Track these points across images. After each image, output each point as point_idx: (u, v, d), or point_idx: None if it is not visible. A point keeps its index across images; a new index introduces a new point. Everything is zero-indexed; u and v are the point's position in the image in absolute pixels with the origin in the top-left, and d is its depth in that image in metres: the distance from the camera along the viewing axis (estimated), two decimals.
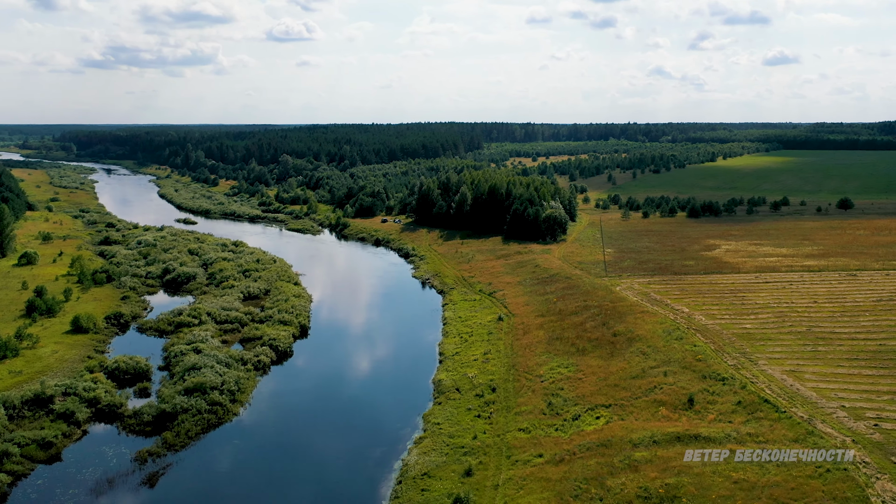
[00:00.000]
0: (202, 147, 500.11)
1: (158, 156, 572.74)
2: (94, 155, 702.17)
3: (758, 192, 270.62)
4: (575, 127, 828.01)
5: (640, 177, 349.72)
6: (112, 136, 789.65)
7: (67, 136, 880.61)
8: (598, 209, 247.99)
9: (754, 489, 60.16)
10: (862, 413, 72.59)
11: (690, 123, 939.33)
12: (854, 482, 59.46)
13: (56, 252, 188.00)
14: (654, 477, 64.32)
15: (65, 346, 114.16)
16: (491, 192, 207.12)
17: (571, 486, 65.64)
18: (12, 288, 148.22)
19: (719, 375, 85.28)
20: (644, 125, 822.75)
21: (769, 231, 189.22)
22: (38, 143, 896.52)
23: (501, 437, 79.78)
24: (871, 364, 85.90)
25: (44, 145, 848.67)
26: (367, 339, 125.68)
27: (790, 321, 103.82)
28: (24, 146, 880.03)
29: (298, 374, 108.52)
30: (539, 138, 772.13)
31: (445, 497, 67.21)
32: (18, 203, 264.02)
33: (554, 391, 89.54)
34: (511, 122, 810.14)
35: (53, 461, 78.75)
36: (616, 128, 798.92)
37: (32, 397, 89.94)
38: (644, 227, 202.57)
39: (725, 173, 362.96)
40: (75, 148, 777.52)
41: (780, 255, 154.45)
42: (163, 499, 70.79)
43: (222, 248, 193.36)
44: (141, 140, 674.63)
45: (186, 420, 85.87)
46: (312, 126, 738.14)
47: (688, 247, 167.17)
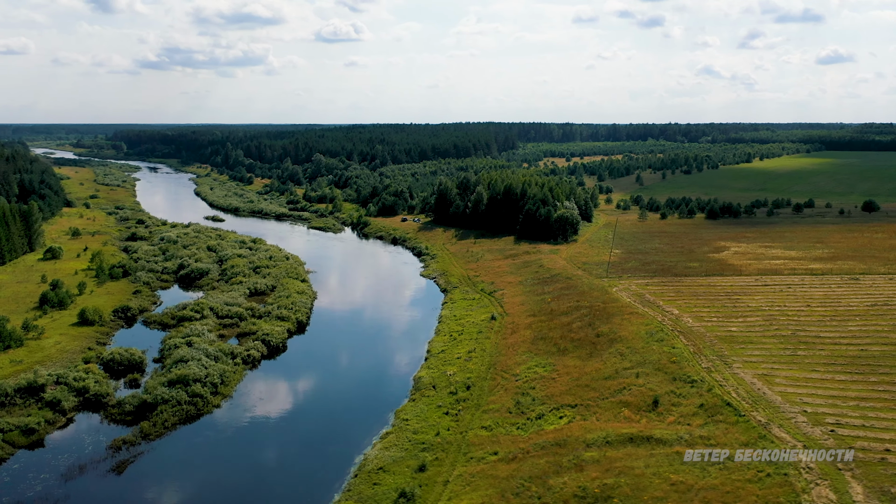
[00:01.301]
0: (241, 146, 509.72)
1: (201, 154, 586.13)
2: (142, 154, 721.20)
3: (787, 194, 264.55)
4: (614, 127, 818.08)
5: (669, 178, 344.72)
6: (160, 135, 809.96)
7: (119, 136, 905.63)
8: (618, 210, 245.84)
9: (689, 491, 59.86)
10: (822, 418, 71.34)
11: (733, 124, 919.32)
12: (791, 488, 58.71)
13: (82, 247, 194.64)
14: (594, 477, 64.40)
15: (68, 337, 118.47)
16: (506, 193, 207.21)
17: (516, 484, 66.09)
18: (33, 281, 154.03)
19: (689, 378, 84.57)
20: (685, 125, 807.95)
21: (784, 233, 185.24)
22: (91, 141, 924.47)
23: (464, 434, 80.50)
24: (847, 369, 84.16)
25: (96, 144, 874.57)
26: (360, 336, 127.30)
27: (777, 325, 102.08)
28: (77, 145, 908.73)
29: (287, 368, 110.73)
30: (577, 138, 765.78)
31: (393, 491, 68.29)
32: (55, 200, 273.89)
33: (525, 390, 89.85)
34: (549, 123, 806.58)
35: (35, 447, 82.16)
36: (655, 128, 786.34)
37: (26, 385, 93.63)
38: (658, 229, 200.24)
39: (758, 175, 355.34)
40: (125, 146, 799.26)
41: (787, 257, 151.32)
42: (125, 485, 73.29)
43: (240, 245, 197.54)
44: (185, 139, 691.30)
45: (166, 411, 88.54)
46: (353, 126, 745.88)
47: (697, 248, 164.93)
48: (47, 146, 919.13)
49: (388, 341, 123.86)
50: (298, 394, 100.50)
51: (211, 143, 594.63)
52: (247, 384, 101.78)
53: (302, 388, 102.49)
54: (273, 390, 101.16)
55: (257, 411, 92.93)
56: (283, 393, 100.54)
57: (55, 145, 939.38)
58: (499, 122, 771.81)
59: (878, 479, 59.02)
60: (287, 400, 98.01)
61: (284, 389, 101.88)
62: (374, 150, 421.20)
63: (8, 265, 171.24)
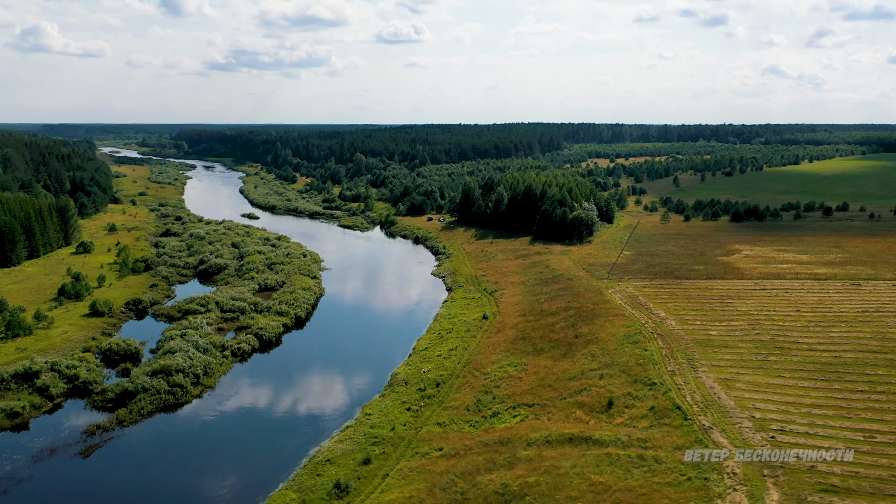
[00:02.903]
0: (290, 146, 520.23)
1: (254, 153, 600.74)
2: (200, 152, 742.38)
3: (827, 197, 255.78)
4: (665, 128, 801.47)
5: (709, 179, 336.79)
6: (218, 134, 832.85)
7: (181, 135, 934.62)
8: (645, 211, 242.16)
9: (605, 492, 59.85)
10: (768, 424, 70.09)
11: (788, 125, 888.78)
12: (707, 492, 58.18)
13: (115, 242, 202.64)
14: (519, 475, 64.89)
15: (76, 327, 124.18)
16: (526, 193, 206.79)
17: (446, 480, 67.08)
18: (59, 274, 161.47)
19: (650, 380, 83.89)
20: (739, 126, 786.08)
21: (804, 237, 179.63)
22: (155, 141, 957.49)
23: (418, 430, 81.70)
24: (813, 376, 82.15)
25: (159, 143, 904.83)
26: (355, 332, 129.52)
27: (759, 329, 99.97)
28: (142, 144, 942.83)
29: (274, 362, 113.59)
30: (627, 139, 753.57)
31: (330, 482, 70.01)
32: (101, 197, 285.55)
33: (490, 389, 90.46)
34: (599, 123, 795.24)
35: (20, 429, 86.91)
36: (707, 129, 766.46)
37: (22, 372, 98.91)
38: (678, 231, 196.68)
39: (801, 177, 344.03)
40: (186, 145, 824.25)
41: (797, 261, 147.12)
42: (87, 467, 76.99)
43: (264, 242, 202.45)
44: (241, 139, 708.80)
45: (144, 399, 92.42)
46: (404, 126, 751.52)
47: (708, 251, 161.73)
48: (115, 145, 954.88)
49: (380, 338, 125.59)
50: (277, 387, 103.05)
51: (264, 142, 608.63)
52: (231, 376, 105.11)
53: (282, 382, 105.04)
54: (254, 383, 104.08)
55: (233, 403, 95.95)
56: (263, 385, 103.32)
57: (122, 144, 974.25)
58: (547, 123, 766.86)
59: (799, 487, 57.94)
60: (264, 392, 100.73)
61: (265, 382, 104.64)
62: (415, 151, 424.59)
63: (41, 258, 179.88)
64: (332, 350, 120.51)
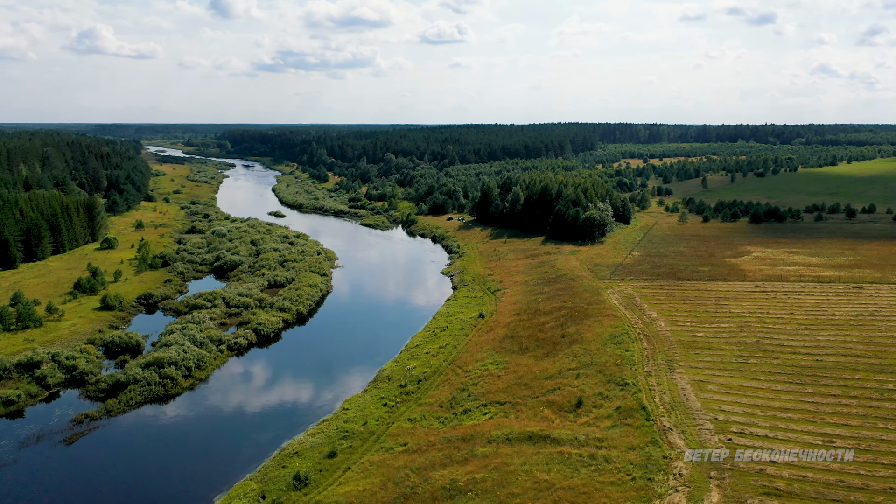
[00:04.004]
0: (326, 146, 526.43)
1: (291, 153, 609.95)
2: (241, 152, 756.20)
3: (857, 199, 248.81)
4: (704, 128, 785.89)
5: (739, 181, 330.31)
6: (260, 134, 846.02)
7: (225, 135, 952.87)
8: (666, 212, 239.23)
9: (548, 490, 60.11)
10: (729, 426, 69.39)
11: (831, 125, 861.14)
12: (647, 492, 58.08)
13: (139, 239, 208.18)
14: (470, 471, 65.51)
15: (85, 320, 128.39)
16: (542, 193, 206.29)
17: (401, 475, 68.04)
18: (80, 268, 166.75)
19: (624, 381, 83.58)
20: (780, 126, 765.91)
21: (819, 239, 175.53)
22: (199, 140, 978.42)
23: (389, 425, 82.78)
24: (789, 379, 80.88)
25: (203, 143, 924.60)
26: (354, 329, 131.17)
27: (747, 331, 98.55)
28: (187, 143, 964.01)
29: (270, 357, 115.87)
30: (664, 140, 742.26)
31: (291, 474, 71.48)
32: (134, 195, 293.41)
33: (467, 386, 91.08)
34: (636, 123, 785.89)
35: (15, 416, 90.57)
36: (746, 129, 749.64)
37: (25, 362, 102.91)
38: (693, 232, 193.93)
39: (834, 178, 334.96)
40: (229, 145, 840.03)
41: (806, 263, 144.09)
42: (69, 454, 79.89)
43: (282, 239, 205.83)
44: (282, 139, 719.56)
45: (134, 390, 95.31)
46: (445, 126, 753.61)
47: (718, 253, 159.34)
48: (162, 144, 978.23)
49: (376, 335, 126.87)
50: (266, 381, 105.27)
51: (302, 142, 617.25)
52: (225, 370, 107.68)
53: (272, 376, 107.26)
54: (246, 377, 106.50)
55: (221, 395, 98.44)
56: (254, 379, 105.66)
57: (169, 144, 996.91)
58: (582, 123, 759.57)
59: (742, 489, 57.44)
60: (253, 386, 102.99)
61: (256, 376, 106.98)
62: (445, 150, 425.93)
63: (66, 253, 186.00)
64: (328, 346, 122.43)
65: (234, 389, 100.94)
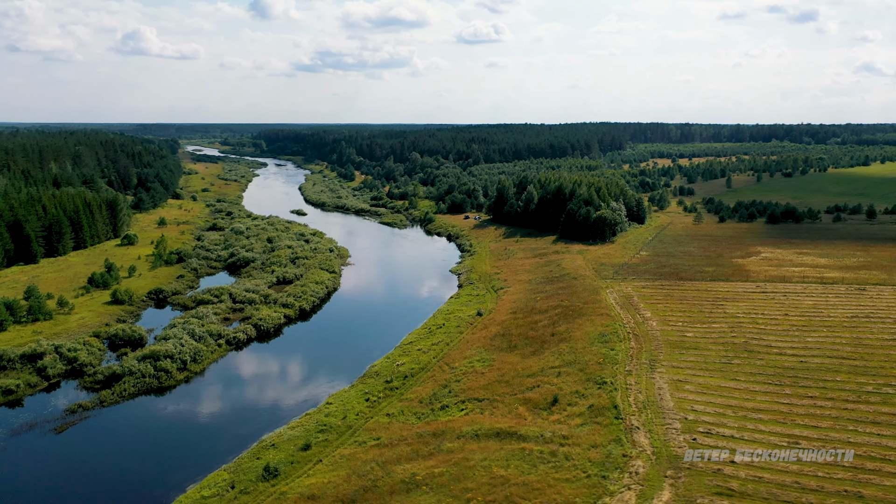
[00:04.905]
0: (355, 145, 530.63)
1: (322, 152, 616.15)
2: (275, 151, 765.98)
3: (885, 200, 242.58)
4: (738, 128, 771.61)
5: (766, 181, 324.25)
6: (294, 134, 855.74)
7: (261, 135, 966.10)
8: (684, 212, 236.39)
9: (502, 485, 60.43)
10: (697, 426, 68.92)
11: (870, 125, 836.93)
12: (599, 490, 58.11)
13: (159, 235, 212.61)
14: (431, 465, 66.15)
15: (94, 314, 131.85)
16: (556, 192, 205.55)
17: (367, 468, 68.92)
18: (98, 264, 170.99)
19: (602, 380, 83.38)
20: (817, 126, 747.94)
21: (833, 240, 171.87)
22: (236, 140, 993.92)
23: (367, 419, 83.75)
24: (770, 380, 79.87)
25: (239, 142, 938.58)
26: (354, 325, 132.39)
27: (737, 332, 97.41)
28: (224, 143, 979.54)
29: (268, 351, 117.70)
30: (696, 139, 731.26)
31: (262, 465, 72.85)
32: (161, 193, 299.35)
33: (450, 382, 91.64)
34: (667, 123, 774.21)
35: (14, 406, 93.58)
36: (780, 129, 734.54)
37: (29, 353, 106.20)
38: (706, 233, 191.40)
39: (863, 179, 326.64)
40: (264, 144, 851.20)
41: (813, 264, 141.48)
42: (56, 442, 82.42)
43: (298, 237, 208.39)
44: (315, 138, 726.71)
45: (129, 381, 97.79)
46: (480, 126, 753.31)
47: (726, 253, 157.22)
48: (200, 144, 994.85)
49: (375, 331, 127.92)
50: (260, 375, 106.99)
51: (333, 141, 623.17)
52: (221, 363, 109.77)
53: (267, 370, 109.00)
54: (241, 370, 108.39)
55: (214, 388, 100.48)
56: (248, 373, 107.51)
57: (206, 143, 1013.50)
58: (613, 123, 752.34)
59: (694, 489, 57.13)
60: (246, 379, 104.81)
61: (251, 370, 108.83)
62: (470, 150, 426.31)
63: (87, 249, 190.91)
64: (326, 342, 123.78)
65: (226, 383, 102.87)
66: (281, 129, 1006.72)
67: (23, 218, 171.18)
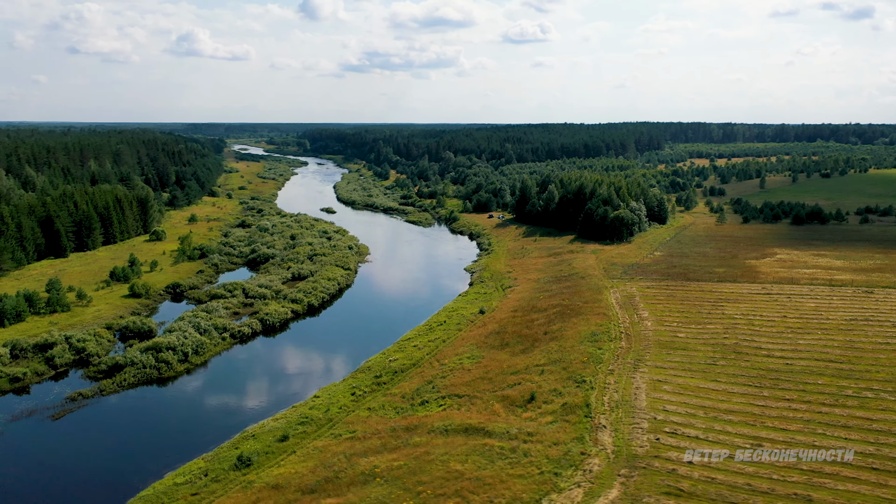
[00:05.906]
0: (392, 144, 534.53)
1: (361, 151, 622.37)
2: (318, 150, 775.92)
3: None
4: (782, 128, 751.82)
5: (802, 181, 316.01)
6: (336, 133, 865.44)
7: (305, 134, 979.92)
8: (710, 213, 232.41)
9: (455, 479, 61.01)
10: (663, 426, 68.42)
11: None
12: (547, 486, 58.29)
13: (187, 232, 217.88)
14: (393, 459, 67.07)
15: (111, 306, 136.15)
16: (577, 192, 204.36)
17: (335, 459, 70.16)
18: (124, 259, 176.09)
19: (582, 378, 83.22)
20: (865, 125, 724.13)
21: (855, 242, 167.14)
22: (280, 139, 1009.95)
23: (349, 413, 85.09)
24: (749, 381, 78.70)
25: (283, 141, 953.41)
26: (362, 321, 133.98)
27: (730, 333, 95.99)
28: (269, 142, 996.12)
29: (272, 346, 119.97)
30: (739, 139, 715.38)
31: (236, 455, 74.69)
32: (196, 191, 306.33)
33: (435, 378, 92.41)
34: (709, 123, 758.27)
35: (21, 392, 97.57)
36: (826, 129, 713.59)
37: (42, 343, 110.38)
38: (727, 233, 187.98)
39: None
40: (308, 143, 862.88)
41: (827, 266, 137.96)
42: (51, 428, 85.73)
43: (321, 234, 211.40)
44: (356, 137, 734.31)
45: (129, 371, 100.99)
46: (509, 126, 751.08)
47: (740, 254, 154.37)
48: (247, 143, 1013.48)
49: (378, 327, 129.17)
50: (259, 368, 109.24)
51: (372, 140, 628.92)
52: (224, 356, 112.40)
53: (267, 364, 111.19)
54: (242, 363, 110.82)
55: (212, 380, 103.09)
56: (248, 366, 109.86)
57: (253, 142, 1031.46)
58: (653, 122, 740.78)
59: (644, 488, 56.91)
60: (245, 372, 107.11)
61: (251, 363, 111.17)
62: (503, 149, 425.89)
63: (116, 244, 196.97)
64: (330, 337, 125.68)
65: (225, 375, 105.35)
66: (325, 128, 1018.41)
67: (54, 214, 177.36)
